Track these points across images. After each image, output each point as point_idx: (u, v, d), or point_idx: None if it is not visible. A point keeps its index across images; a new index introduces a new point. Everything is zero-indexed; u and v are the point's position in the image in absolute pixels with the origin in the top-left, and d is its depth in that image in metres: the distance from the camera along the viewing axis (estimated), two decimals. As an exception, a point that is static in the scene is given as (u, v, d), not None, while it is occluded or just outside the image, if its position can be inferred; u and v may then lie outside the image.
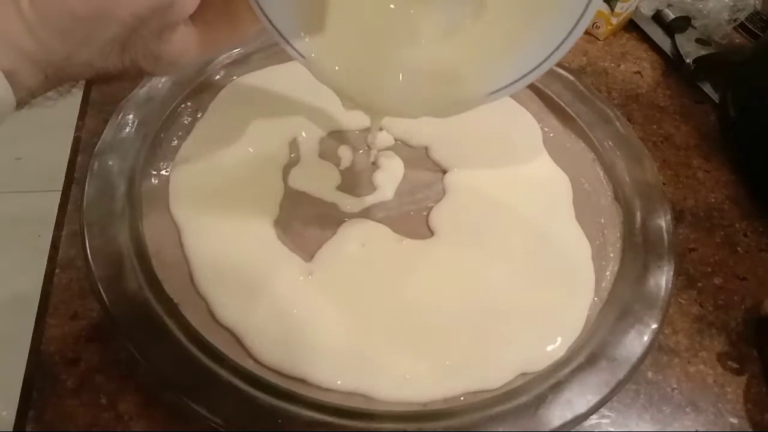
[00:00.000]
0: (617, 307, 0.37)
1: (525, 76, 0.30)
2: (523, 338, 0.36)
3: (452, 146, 0.45)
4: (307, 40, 0.32)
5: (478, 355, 0.35)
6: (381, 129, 0.45)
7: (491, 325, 0.36)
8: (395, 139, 0.45)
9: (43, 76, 0.25)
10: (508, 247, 0.40)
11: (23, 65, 0.24)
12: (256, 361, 0.33)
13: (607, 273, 0.39)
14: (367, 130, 0.45)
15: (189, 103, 0.44)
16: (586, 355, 0.34)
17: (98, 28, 0.24)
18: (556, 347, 0.35)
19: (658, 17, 0.59)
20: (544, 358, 0.35)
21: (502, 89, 0.31)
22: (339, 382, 0.33)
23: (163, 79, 0.44)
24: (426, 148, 0.45)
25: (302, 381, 0.33)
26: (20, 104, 0.25)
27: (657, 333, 0.35)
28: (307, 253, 0.38)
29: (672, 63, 0.57)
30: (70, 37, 0.24)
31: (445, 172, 0.44)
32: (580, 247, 0.40)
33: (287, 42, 0.32)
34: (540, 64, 0.30)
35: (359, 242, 0.39)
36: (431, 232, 0.40)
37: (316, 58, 0.32)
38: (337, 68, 0.32)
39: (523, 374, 0.34)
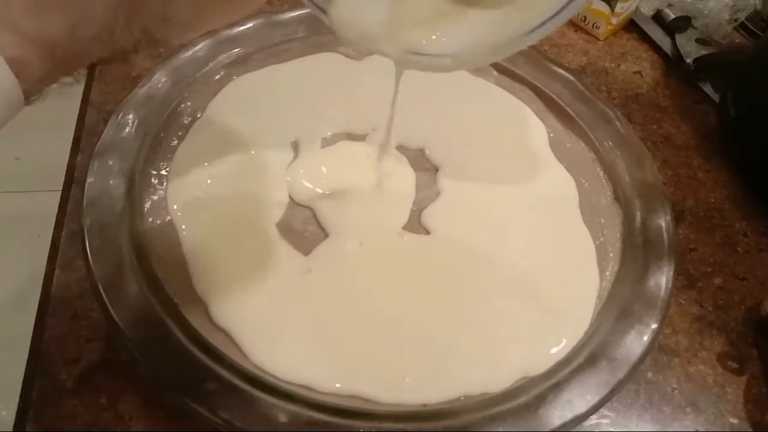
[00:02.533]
0: (617, 307, 0.36)
1: (563, 9, 0.28)
2: (526, 342, 0.36)
3: (450, 146, 0.45)
4: None
5: (480, 358, 0.35)
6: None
7: (493, 327, 0.36)
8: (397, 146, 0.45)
9: (50, 58, 0.23)
10: (508, 248, 0.40)
11: (27, 49, 0.23)
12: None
13: (607, 273, 0.39)
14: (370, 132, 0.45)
15: (189, 103, 0.44)
16: (586, 355, 0.34)
17: None
18: (559, 350, 0.35)
19: (658, 17, 0.59)
20: (546, 361, 0.34)
21: (539, 27, 0.28)
22: (338, 385, 0.33)
23: (163, 79, 0.44)
24: (423, 149, 0.45)
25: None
26: (29, 94, 0.24)
27: (657, 333, 0.35)
28: (307, 253, 0.38)
29: (672, 63, 0.57)
30: (70, 5, 0.23)
31: (444, 171, 0.44)
32: (585, 249, 0.40)
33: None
34: None
35: (357, 241, 0.39)
36: (428, 233, 0.40)
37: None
38: (368, 15, 0.30)
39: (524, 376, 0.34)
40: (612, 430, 0.35)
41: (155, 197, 0.39)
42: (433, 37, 0.30)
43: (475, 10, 0.30)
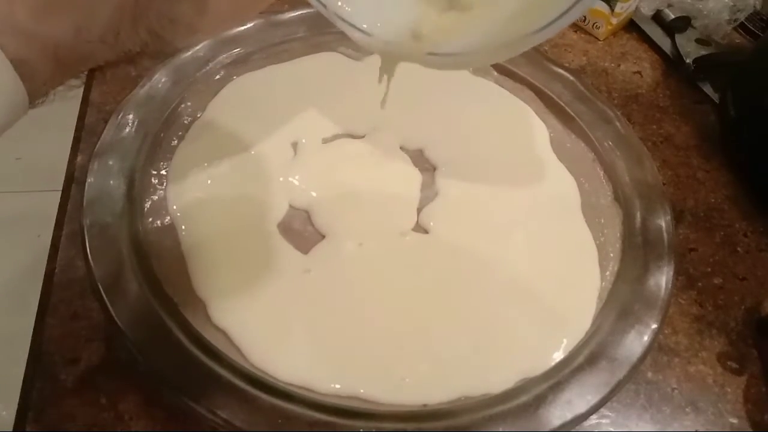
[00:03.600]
0: (617, 307, 0.37)
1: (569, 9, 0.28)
2: (527, 342, 0.36)
3: (450, 147, 0.45)
4: None
5: (480, 359, 0.35)
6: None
7: (493, 327, 0.36)
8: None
9: (55, 60, 0.23)
10: (508, 248, 0.40)
11: (31, 51, 0.22)
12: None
13: (607, 273, 0.39)
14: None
15: (189, 103, 0.44)
16: (586, 355, 0.34)
17: None
18: (560, 350, 0.35)
19: (658, 17, 0.59)
20: (547, 361, 0.34)
21: (547, 26, 0.28)
22: (337, 386, 0.33)
23: (163, 79, 0.44)
24: (422, 150, 0.45)
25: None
26: (34, 97, 0.23)
27: (657, 333, 0.35)
28: (307, 253, 0.38)
29: (672, 63, 0.57)
30: (75, 6, 0.23)
31: (441, 171, 0.44)
32: (586, 249, 0.40)
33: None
34: None
35: (357, 241, 0.39)
36: (426, 232, 0.40)
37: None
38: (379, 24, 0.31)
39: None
40: (612, 430, 0.35)
41: (155, 197, 0.39)
42: (450, 38, 0.30)
43: (485, 8, 0.30)
